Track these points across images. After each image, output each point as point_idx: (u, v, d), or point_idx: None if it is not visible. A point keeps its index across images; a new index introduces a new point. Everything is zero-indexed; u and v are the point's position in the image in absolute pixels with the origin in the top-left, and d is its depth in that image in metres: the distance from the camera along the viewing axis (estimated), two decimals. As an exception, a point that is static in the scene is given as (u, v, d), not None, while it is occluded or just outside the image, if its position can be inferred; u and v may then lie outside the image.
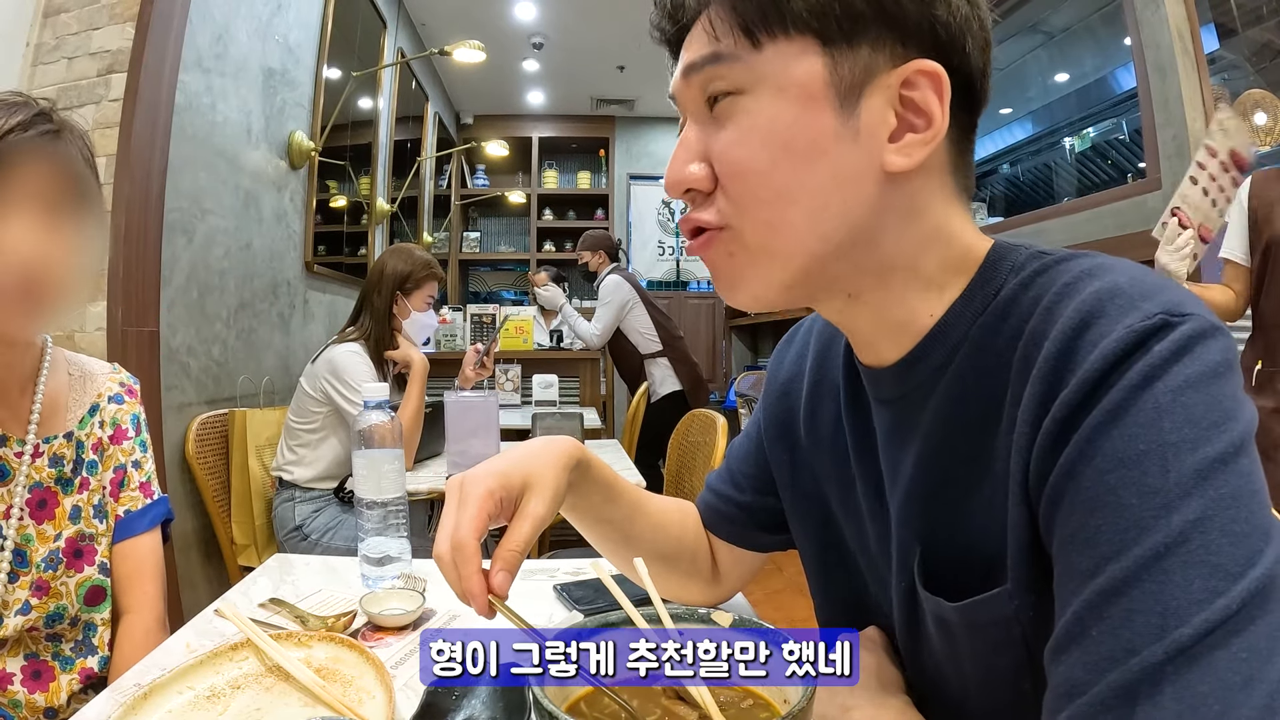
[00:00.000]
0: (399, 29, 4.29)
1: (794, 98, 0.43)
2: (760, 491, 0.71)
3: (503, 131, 5.81)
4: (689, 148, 0.47)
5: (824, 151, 0.44)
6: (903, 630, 0.54)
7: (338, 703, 0.61)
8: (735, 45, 0.44)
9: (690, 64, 0.47)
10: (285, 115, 2.67)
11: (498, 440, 1.77)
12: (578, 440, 0.63)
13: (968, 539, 0.46)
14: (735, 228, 0.46)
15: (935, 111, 0.44)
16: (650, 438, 3.19)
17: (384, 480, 0.95)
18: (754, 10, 0.43)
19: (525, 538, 0.50)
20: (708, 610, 0.49)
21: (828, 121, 0.43)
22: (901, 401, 0.51)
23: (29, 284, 0.71)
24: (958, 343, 0.47)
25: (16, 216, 0.71)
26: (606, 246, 3.67)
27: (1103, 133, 2.74)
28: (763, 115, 0.44)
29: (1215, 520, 0.33)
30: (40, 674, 0.79)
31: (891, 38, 0.43)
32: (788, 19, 0.43)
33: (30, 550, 0.80)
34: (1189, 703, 0.31)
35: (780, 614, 2.73)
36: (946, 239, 0.48)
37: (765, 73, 0.44)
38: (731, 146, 0.45)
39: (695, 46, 0.47)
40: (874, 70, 0.43)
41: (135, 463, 0.94)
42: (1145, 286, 0.40)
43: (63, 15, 1.80)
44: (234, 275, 2.30)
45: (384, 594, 0.86)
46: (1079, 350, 0.39)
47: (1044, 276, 0.45)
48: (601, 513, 0.66)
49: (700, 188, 0.47)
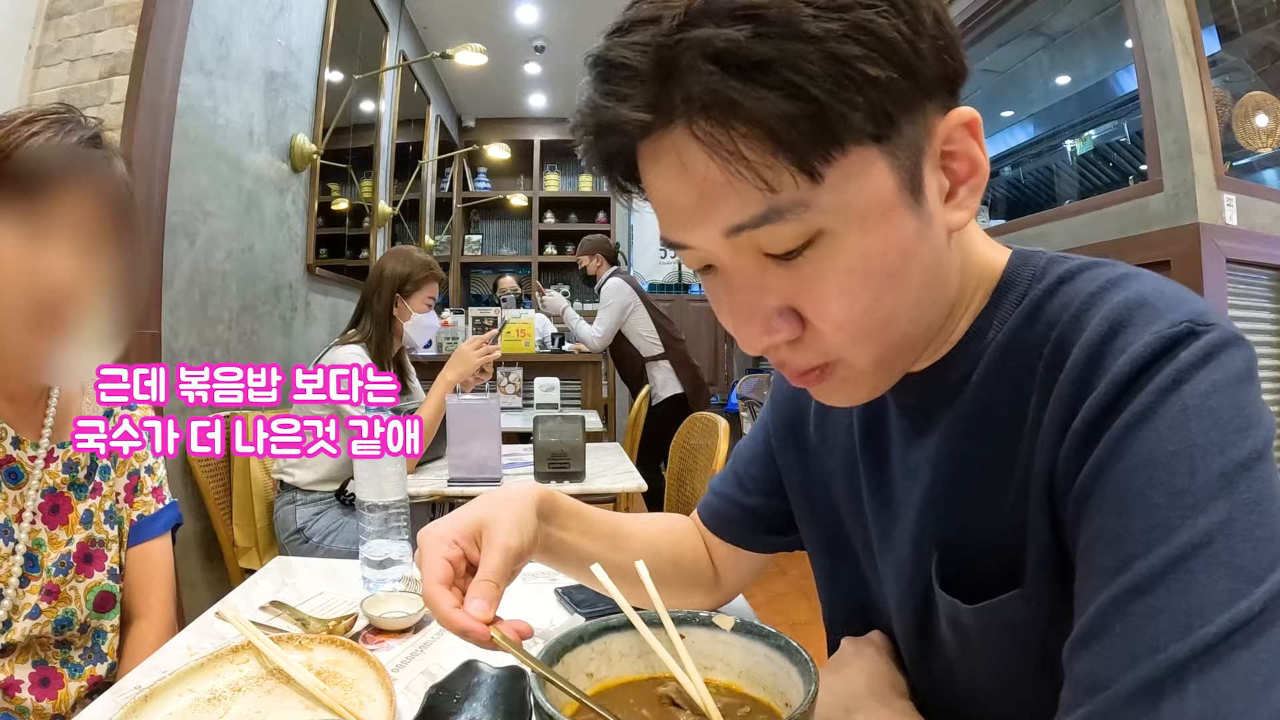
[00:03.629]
0: (401, 32, 4.30)
1: (878, 221, 0.39)
2: (766, 494, 0.71)
3: (504, 134, 5.82)
4: (760, 308, 0.42)
5: (915, 257, 0.41)
6: (912, 633, 0.54)
7: (338, 705, 0.61)
8: (796, 186, 0.37)
9: (737, 226, 0.39)
10: (287, 118, 2.68)
11: (499, 443, 1.77)
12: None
13: (985, 541, 0.47)
14: (847, 360, 0.44)
15: (977, 154, 0.42)
16: (652, 440, 3.19)
17: (385, 483, 0.95)
18: (806, 141, 0.36)
19: (494, 565, 0.49)
20: (709, 614, 0.49)
21: (909, 225, 0.40)
22: (924, 406, 0.51)
23: (55, 310, 0.70)
24: (983, 349, 0.48)
25: (57, 240, 0.69)
26: (605, 250, 3.68)
27: (1104, 135, 2.75)
28: (855, 252, 0.39)
29: (1239, 524, 0.34)
30: (49, 681, 0.78)
31: (922, 100, 0.39)
32: (845, 137, 0.36)
33: (42, 555, 0.79)
34: (1213, 700, 0.31)
35: (781, 617, 2.73)
36: (969, 255, 0.48)
37: (840, 205, 0.38)
38: (830, 295, 0.40)
39: (723, 197, 0.38)
40: (919, 144, 0.40)
41: (148, 468, 0.94)
42: (1170, 297, 0.40)
43: (65, 18, 1.80)
44: (236, 278, 2.31)
45: (385, 597, 0.86)
46: (1108, 355, 0.39)
47: (1069, 285, 0.45)
48: (582, 545, 0.65)
49: (790, 340, 0.43)
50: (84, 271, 0.71)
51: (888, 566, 0.56)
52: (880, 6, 0.35)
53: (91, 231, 0.72)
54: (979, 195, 0.43)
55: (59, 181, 0.70)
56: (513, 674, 0.62)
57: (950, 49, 0.40)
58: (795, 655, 0.44)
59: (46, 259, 0.69)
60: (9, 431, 0.78)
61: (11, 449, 0.78)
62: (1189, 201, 2.03)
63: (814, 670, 0.42)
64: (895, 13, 0.36)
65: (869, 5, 0.35)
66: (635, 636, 0.48)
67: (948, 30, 0.39)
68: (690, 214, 0.40)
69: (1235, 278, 2.09)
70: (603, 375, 4.12)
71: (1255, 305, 2.17)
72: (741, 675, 0.48)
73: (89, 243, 0.72)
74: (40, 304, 0.69)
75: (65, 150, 0.70)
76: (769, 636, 0.46)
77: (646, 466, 2.84)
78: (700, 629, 0.49)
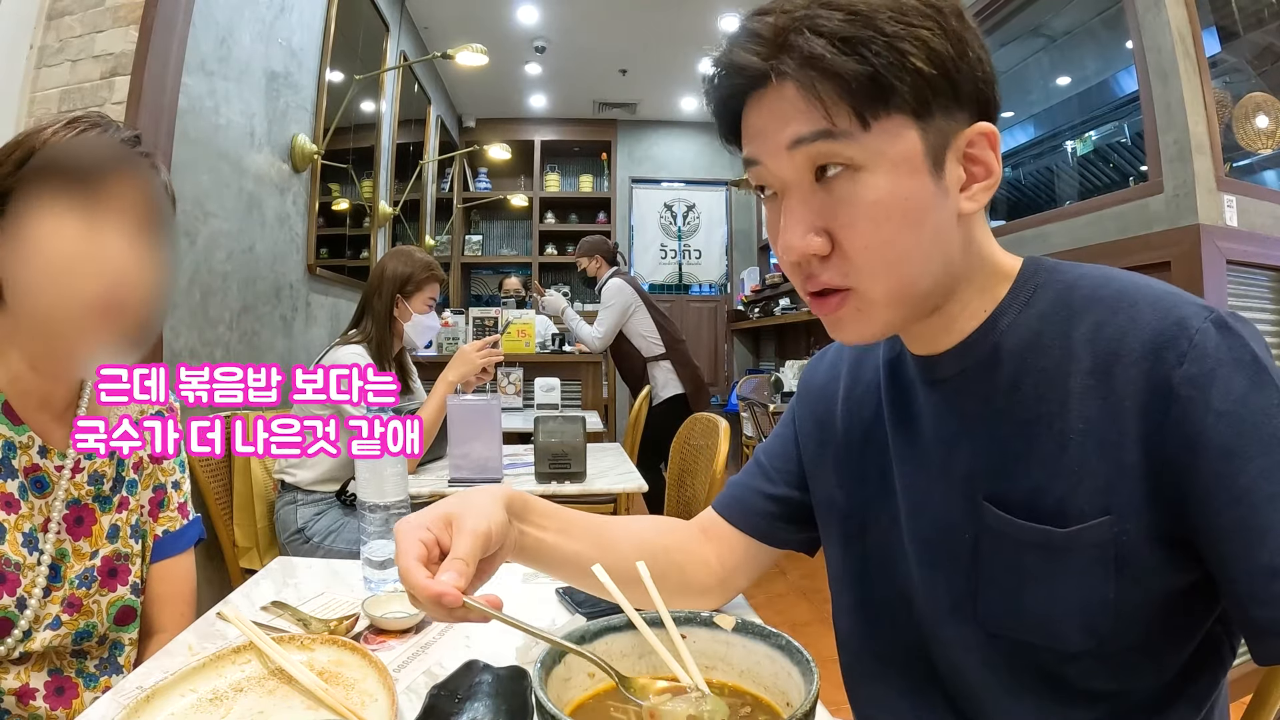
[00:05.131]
0: (401, 32, 4.30)
1: (905, 172, 0.51)
2: (790, 485, 0.76)
3: (505, 135, 5.82)
4: (803, 220, 0.53)
5: (929, 213, 0.52)
6: (959, 583, 0.58)
7: (340, 706, 0.61)
8: (850, 125, 0.50)
9: (799, 137, 0.51)
10: (288, 118, 2.68)
11: (500, 443, 1.77)
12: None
13: (1035, 484, 0.54)
14: (862, 289, 0.53)
15: (993, 163, 0.54)
16: (652, 441, 3.19)
17: (386, 483, 0.95)
18: (865, 97, 0.49)
19: (465, 546, 0.54)
20: (710, 614, 0.49)
21: (929, 187, 0.52)
22: (959, 378, 0.59)
23: (114, 300, 0.71)
24: (1009, 326, 0.57)
25: (113, 231, 0.71)
26: (604, 251, 3.68)
27: (1104, 136, 2.74)
28: (883, 189, 0.51)
29: None
30: (63, 690, 0.78)
31: (955, 105, 0.52)
32: (893, 102, 0.49)
33: (65, 566, 0.79)
34: None
35: (782, 617, 2.73)
36: (986, 254, 0.58)
37: (877, 150, 0.50)
38: (858, 220, 0.51)
39: (798, 120, 0.51)
40: (948, 136, 0.52)
41: (175, 483, 0.94)
42: (1168, 289, 0.53)
43: (66, 18, 1.80)
44: (236, 278, 2.31)
45: (386, 597, 0.86)
46: (1167, 331, 0.50)
47: (1074, 275, 0.57)
48: (562, 544, 0.68)
49: (821, 253, 0.53)
50: (138, 264, 0.73)
51: (923, 532, 0.62)
52: (934, 29, 0.50)
53: (140, 227, 0.74)
54: (989, 195, 0.54)
55: (111, 176, 0.72)
56: (514, 674, 0.62)
57: (986, 81, 0.53)
58: (796, 655, 0.44)
59: (106, 248, 0.70)
60: (36, 440, 0.77)
61: (39, 458, 0.78)
62: (1189, 203, 2.03)
63: (815, 670, 0.42)
64: (944, 37, 0.50)
65: (926, 27, 0.49)
66: (637, 636, 0.48)
67: (987, 69, 0.53)
68: (772, 132, 0.53)
69: (1235, 279, 2.09)
70: (603, 375, 4.13)
71: (1255, 306, 2.18)
72: (743, 675, 0.48)
73: (138, 237, 0.74)
74: (101, 292, 0.70)
75: (114, 146, 0.73)
76: (770, 636, 0.47)
77: (647, 467, 2.84)
78: (701, 629, 0.49)
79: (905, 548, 0.63)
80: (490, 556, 0.59)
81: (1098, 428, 0.51)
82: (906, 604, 0.64)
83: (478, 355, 2.00)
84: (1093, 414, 0.51)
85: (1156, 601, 0.52)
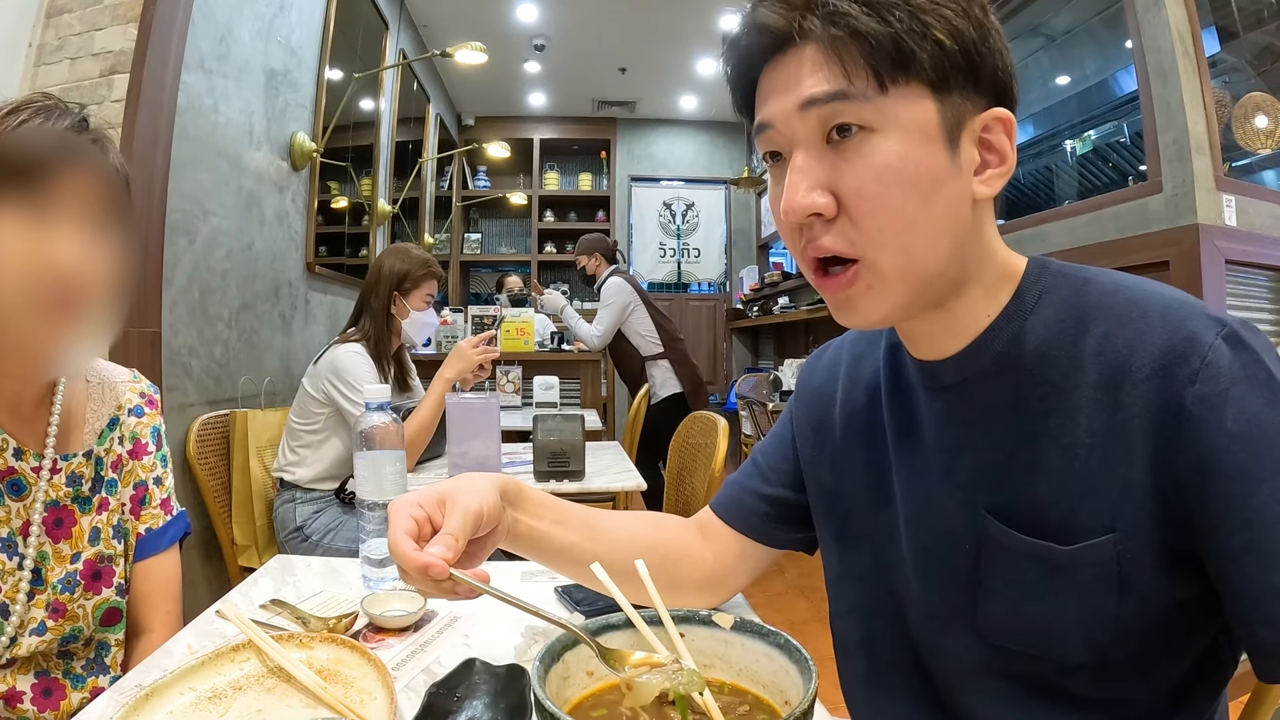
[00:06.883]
0: (401, 30, 4.30)
1: (918, 139, 0.50)
2: (787, 486, 0.75)
3: (504, 133, 5.82)
4: (809, 176, 0.51)
5: (941, 184, 0.51)
6: (957, 592, 0.57)
7: (339, 704, 0.61)
8: (867, 86, 0.49)
9: (812, 98, 0.50)
10: (287, 116, 2.67)
11: (499, 442, 1.77)
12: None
13: (1039, 498, 0.53)
14: (870, 259, 0.52)
15: (1007, 150, 0.53)
16: (651, 439, 3.19)
17: (385, 482, 0.95)
18: (886, 58, 0.49)
19: (457, 521, 0.55)
20: (709, 613, 0.49)
21: (942, 159, 0.51)
22: (961, 385, 0.58)
23: (67, 296, 0.69)
24: (1015, 333, 0.55)
25: (61, 225, 0.68)
26: (603, 249, 3.68)
27: (1104, 136, 2.74)
28: (894, 153, 0.50)
29: None
30: (51, 691, 0.77)
31: (973, 88, 0.51)
32: (912, 68, 0.49)
33: (45, 569, 0.78)
34: None
35: (780, 616, 2.74)
36: (994, 252, 0.57)
37: (892, 114, 0.50)
38: (867, 181, 0.50)
39: (813, 79, 0.50)
40: (965, 115, 0.51)
41: (156, 479, 0.92)
42: (1179, 297, 0.52)
43: (65, 16, 1.80)
44: (235, 276, 2.30)
45: (385, 595, 0.86)
46: (1178, 347, 0.48)
47: (1080, 280, 0.55)
48: (556, 534, 0.69)
49: (825, 214, 0.51)
50: (90, 256, 0.70)
51: (923, 540, 0.60)
52: (957, 10, 0.50)
53: (91, 216, 0.71)
54: (1002, 182, 0.53)
55: (55, 167, 0.69)
56: (512, 672, 0.62)
57: (1006, 71, 0.53)
58: (794, 653, 0.44)
59: (54, 244, 0.68)
60: (10, 442, 0.76)
61: (14, 460, 0.76)
62: (1188, 202, 2.03)
63: (813, 669, 0.42)
64: (967, 19, 0.50)
65: (950, 6, 0.50)
66: (635, 634, 0.48)
67: (1007, 61, 0.53)
68: (787, 92, 0.52)
69: (1234, 278, 2.09)
70: (602, 374, 4.12)
71: (1254, 306, 2.18)
72: (741, 673, 0.48)
73: (90, 228, 0.71)
74: (51, 289, 0.68)
75: (56, 135, 0.69)
76: (768, 635, 0.47)
77: (645, 465, 2.84)
78: (700, 627, 0.49)
79: (904, 554, 0.62)
80: (482, 539, 0.59)
81: (1104, 444, 0.50)
82: (904, 610, 0.63)
83: (474, 352, 1.99)
84: (1099, 429, 0.50)
85: (1159, 616, 0.51)
